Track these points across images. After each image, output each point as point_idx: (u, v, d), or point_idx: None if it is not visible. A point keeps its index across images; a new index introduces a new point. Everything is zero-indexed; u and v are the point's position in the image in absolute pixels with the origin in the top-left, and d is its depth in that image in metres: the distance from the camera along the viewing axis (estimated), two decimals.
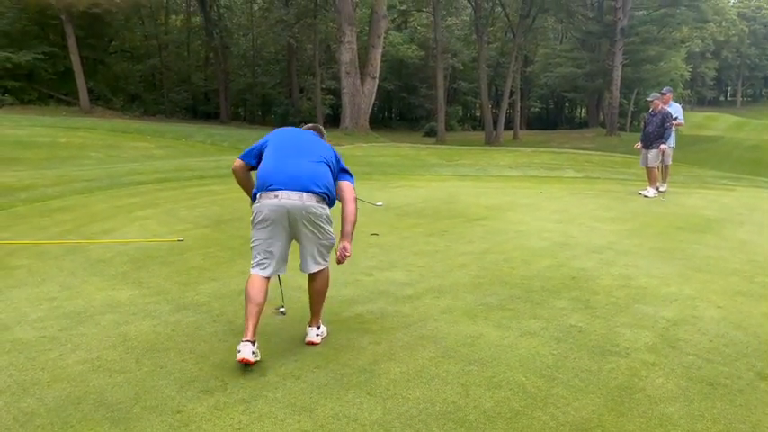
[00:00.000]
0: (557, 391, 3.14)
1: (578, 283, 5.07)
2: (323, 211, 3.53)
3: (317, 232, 3.54)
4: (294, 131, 3.84)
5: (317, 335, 3.77)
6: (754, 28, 78.36)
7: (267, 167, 3.57)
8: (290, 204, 3.42)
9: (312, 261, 3.62)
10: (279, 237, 3.51)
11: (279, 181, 3.46)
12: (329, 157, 3.68)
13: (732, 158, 28.54)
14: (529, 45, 45.19)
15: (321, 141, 3.82)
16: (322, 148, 3.70)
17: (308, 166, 3.54)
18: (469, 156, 18.39)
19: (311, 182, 3.48)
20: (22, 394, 3.07)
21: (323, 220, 3.54)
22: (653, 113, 10.48)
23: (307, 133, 3.86)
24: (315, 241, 3.56)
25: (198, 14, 42.90)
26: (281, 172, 3.49)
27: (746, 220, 8.21)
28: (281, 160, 3.56)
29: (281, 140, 3.71)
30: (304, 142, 3.71)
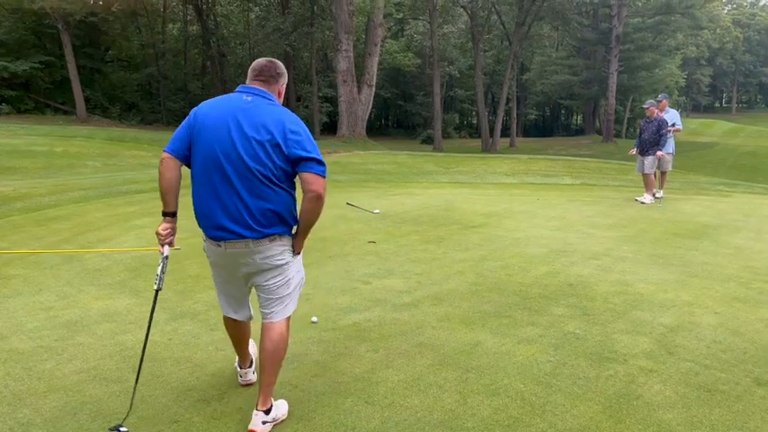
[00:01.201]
0: (555, 399, 3.14)
1: (576, 290, 5.07)
2: (281, 248, 2.82)
3: (278, 275, 2.87)
4: (227, 117, 2.72)
5: (265, 422, 2.80)
6: (748, 35, 78.84)
7: (199, 198, 2.79)
8: (238, 253, 2.78)
9: (268, 307, 2.92)
10: (236, 282, 2.95)
11: (217, 226, 2.74)
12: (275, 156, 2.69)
13: (728, 164, 28.65)
14: (525, 53, 45.34)
15: (267, 122, 2.71)
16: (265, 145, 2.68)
17: (249, 198, 2.69)
18: (466, 163, 18.44)
19: (257, 222, 2.71)
20: (18, 404, 3.06)
21: (283, 259, 2.85)
22: (649, 120, 10.51)
23: (247, 115, 2.72)
24: (274, 285, 2.88)
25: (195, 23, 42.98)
26: (216, 213, 2.73)
27: (743, 226, 8.23)
28: (213, 188, 2.72)
29: (210, 143, 2.71)
30: (241, 143, 2.67)
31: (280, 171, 2.72)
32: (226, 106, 2.78)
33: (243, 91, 2.84)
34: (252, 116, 2.72)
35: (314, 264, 5.91)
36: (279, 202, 2.75)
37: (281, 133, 2.69)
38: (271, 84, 2.90)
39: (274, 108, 2.80)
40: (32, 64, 30.67)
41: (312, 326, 4.19)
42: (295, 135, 2.71)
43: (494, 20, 40.11)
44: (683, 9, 37.22)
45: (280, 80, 2.95)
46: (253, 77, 2.90)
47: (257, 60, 2.97)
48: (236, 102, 2.79)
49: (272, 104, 2.82)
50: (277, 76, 2.93)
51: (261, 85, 2.87)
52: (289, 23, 35.92)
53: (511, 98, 41.22)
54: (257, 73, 2.90)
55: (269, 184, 2.70)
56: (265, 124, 2.70)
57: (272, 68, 2.92)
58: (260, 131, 2.69)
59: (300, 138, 2.72)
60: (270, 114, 2.74)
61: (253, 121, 2.71)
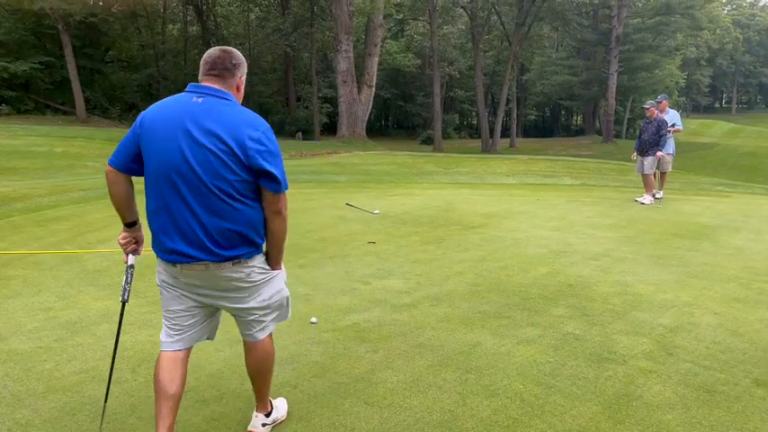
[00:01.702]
0: (554, 399, 3.14)
1: (575, 291, 5.07)
2: (248, 270, 2.50)
3: (248, 297, 2.58)
4: (176, 124, 2.36)
5: (265, 424, 2.81)
6: (748, 35, 78.88)
7: (150, 215, 2.48)
8: (197, 276, 2.48)
9: (246, 329, 2.71)
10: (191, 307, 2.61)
11: (169, 249, 2.43)
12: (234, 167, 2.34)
13: (727, 165, 28.65)
14: (525, 53, 45.30)
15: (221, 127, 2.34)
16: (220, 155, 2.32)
17: (206, 216, 2.37)
18: (466, 163, 18.45)
19: (215, 244, 2.39)
20: (17, 405, 3.06)
21: (252, 281, 2.54)
22: (648, 121, 10.51)
23: (197, 120, 2.35)
24: (247, 310, 2.61)
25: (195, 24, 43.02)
26: (168, 233, 2.42)
27: (742, 227, 8.23)
28: (164, 205, 2.40)
29: (159, 155, 2.37)
30: (192, 155, 2.32)
31: (241, 184, 2.37)
32: (174, 110, 2.39)
33: (193, 91, 2.45)
34: (203, 121, 2.34)
35: (313, 264, 5.92)
36: (241, 220, 2.40)
37: (238, 141, 2.32)
38: (226, 78, 2.51)
39: (230, 109, 2.41)
40: (32, 64, 30.68)
41: (311, 326, 4.18)
42: (256, 143, 2.35)
43: (494, 20, 40.14)
44: (682, 10, 37.22)
45: (237, 72, 2.55)
46: (204, 72, 2.51)
47: (209, 51, 2.58)
48: (185, 104, 2.40)
49: (228, 105, 2.42)
50: (233, 68, 2.53)
51: (214, 82, 2.48)
52: (288, 24, 35.94)
53: (511, 99, 41.23)
54: (209, 67, 2.50)
55: (228, 200, 2.36)
56: (219, 131, 2.33)
57: (227, 59, 2.52)
58: (213, 140, 2.32)
59: (262, 147, 2.36)
60: (225, 118, 2.36)
61: (205, 127, 2.33)
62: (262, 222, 2.50)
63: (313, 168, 16.33)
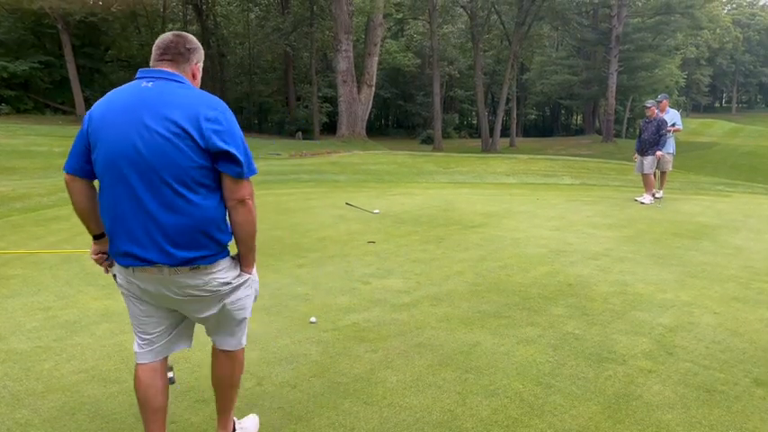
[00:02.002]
0: (553, 399, 3.13)
1: (575, 290, 5.07)
2: (208, 276, 2.27)
3: (213, 305, 2.37)
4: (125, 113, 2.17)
5: None
6: (748, 35, 78.83)
7: (104, 212, 2.28)
8: (152, 281, 2.27)
9: (213, 334, 2.55)
10: (153, 313, 2.42)
11: (122, 252, 2.24)
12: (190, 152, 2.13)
13: (728, 164, 28.65)
14: (525, 53, 45.29)
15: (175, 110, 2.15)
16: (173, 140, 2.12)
17: (161, 211, 2.15)
18: (466, 163, 18.45)
19: (172, 243, 2.18)
20: (16, 405, 3.05)
21: (218, 290, 2.32)
22: (648, 121, 10.51)
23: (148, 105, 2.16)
24: (212, 318, 2.42)
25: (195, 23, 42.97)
26: (120, 235, 2.22)
27: (742, 227, 8.22)
28: (115, 203, 2.20)
29: (108, 149, 2.18)
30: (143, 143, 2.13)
31: (199, 171, 2.15)
32: (123, 99, 2.21)
33: (142, 76, 2.27)
34: (154, 105, 2.14)
35: (313, 264, 5.92)
36: (199, 215, 2.17)
37: (193, 122, 2.12)
38: (179, 63, 2.31)
39: (184, 91, 2.21)
40: (32, 64, 30.69)
41: (311, 326, 4.18)
42: (212, 123, 2.14)
43: (493, 20, 40.11)
44: (682, 9, 37.20)
45: (192, 58, 2.35)
46: (156, 58, 2.31)
47: (161, 36, 2.37)
48: (133, 91, 2.22)
49: (182, 87, 2.23)
50: (187, 52, 2.33)
51: (167, 66, 2.29)
52: (288, 23, 35.95)
53: (511, 98, 41.23)
54: (161, 51, 2.31)
55: (184, 192, 2.14)
56: (172, 113, 2.12)
57: (180, 44, 2.33)
58: (166, 123, 2.12)
59: (220, 126, 2.15)
60: (178, 100, 2.16)
61: (156, 111, 2.13)
62: (225, 217, 2.28)
63: (313, 168, 16.33)
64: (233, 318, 2.45)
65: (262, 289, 4.96)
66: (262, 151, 22.46)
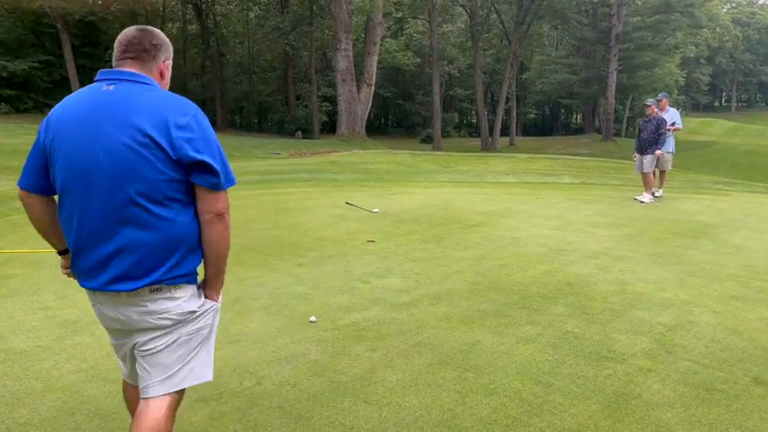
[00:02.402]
0: (553, 398, 3.14)
1: (574, 289, 5.07)
2: (170, 303, 2.04)
3: (162, 336, 2.08)
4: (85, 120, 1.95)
5: None
6: (747, 34, 78.80)
7: (65, 229, 2.07)
8: (112, 305, 2.05)
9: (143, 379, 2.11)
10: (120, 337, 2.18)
11: (85, 267, 2.03)
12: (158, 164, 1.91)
13: (727, 163, 28.65)
14: (524, 52, 45.32)
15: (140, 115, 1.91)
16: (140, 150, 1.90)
17: (124, 229, 1.93)
18: (466, 162, 18.45)
19: (133, 265, 1.96)
20: (15, 404, 3.05)
21: (172, 318, 2.06)
22: (648, 119, 10.51)
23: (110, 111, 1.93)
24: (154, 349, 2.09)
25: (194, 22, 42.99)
26: (84, 248, 2.00)
27: (742, 225, 8.22)
28: (75, 219, 1.99)
29: (66, 160, 1.97)
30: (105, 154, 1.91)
31: (168, 185, 1.93)
32: (82, 105, 1.99)
33: (102, 78, 2.04)
34: (117, 112, 1.92)
35: (313, 263, 5.92)
36: (168, 232, 1.96)
37: (162, 130, 1.90)
38: (145, 61, 2.08)
39: (150, 94, 1.98)
40: (31, 63, 30.69)
41: (310, 325, 4.18)
42: (184, 131, 1.92)
43: (493, 19, 40.10)
44: (682, 8, 37.17)
45: (159, 55, 2.12)
46: (118, 56, 2.08)
47: (124, 31, 2.13)
48: (93, 97, 1.99)
49: (148, 89, 2.00)
50: (153, 49, 2.10)
51: (130, 66, 2.06)
52: (288, 22, 35.96)
53: (510, 97, 41.21)
54: (123, 48, 2.07)
55: (151, 207, 1.92)
56: (138, 120, 1.90)
57: (145, 39, 2.09)
58: (131, 132, 1.89)
59: (192, 134, 1.93)
60: (144, 105, 1.94)
61: (120, 119, 1.91)
62: (197, 237, 2.03)
63: (312, 167, 16.33)
64: (184, 350, 2.11)
65: (261, 288, 5.01)
66: (261, 150, 22.46)
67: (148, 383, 2.09)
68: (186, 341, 2.11)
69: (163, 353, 2.08)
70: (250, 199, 10.10)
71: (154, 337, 2.06)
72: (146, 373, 2.10)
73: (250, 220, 8.07)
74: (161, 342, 2.07)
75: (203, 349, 2.18)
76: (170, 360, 2.09)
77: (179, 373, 2.11)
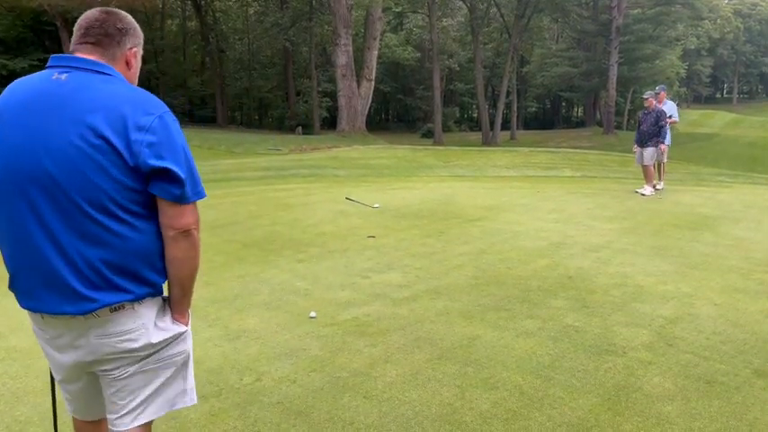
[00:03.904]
0: (553, 392, 3.13)
1: (575, 283, 5.06)
2: (135, 322, 1.76)
3: (129, 364, 1.80)
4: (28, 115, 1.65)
5: None
6: (749, 25, 78.50)
7: (2, 242, 1.76)
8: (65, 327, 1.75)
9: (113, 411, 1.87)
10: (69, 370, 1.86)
11: (26, 286, 1.75)
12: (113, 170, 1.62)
13: (728, 155, 28.59)
14: (525, 45, 45.24)
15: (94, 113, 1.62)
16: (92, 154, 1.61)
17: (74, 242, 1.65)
18: (466, 156, 18.43)
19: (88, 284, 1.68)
20: (15, 402, 3.06)
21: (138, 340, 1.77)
22: (647, 112, 10.49)
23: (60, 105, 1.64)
24: (122, 379, 1.82)
25: (194, 19, 42.94)
26: (20, 272, 1.75)
27: (743, 217, 8.20)
28: (14, 232, 1.70)
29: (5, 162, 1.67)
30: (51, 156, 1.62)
31: (125, 194, 1.65)
32: (26, 95, 1.69)
33: (54, 65, 1.73)
34: (68, 106, 1.63)
35: (313, 259, 5.91)
36: (125, 248, 1.68)
37: (119, 131, 1.61)
38: (106, 48, 1.76)
39: (109, 87, 1.68)
40: (31, 62, 30.61)
41: (310, 321, 4.18)
42: (144, 133, 1.63)
43: (493, 12, 40.04)
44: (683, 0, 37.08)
45: (125, 41, 1.81)
46: (77, 41, 1.77)
47: (86, 12, 1.81)
48: (41, 86, 1.68)
49: (107, 81, 1.70)
50: (118, 34, 1.79)
51: (89, 52, 1.74)
52: (287, 18, 35.90)
53: (511, 91, 41.15)
54: (83, 32, 1.76)
55: (104, 221, 1.64)
56: (91, 118, 1.61)
57: (108, 22, 1.78)
58: (82, 131, 1.60)
59: (154, 137, 1.64)
60: (101, 99, 1.64)
61: (69, 113, 1.62)
62: (159, 252, 1.75)
63: (313, 163, 16.33)
64: (156, 378, 1.86)
65: (261, 284, 5.00)
66: (262, 147, 22.46)
67: (118, 415, 1.84)
68: (157, 368, 1.85)
69: (131, 381, 1.82)
70: (250, 195, 10.10)
71: (120, 365, 1.79)
72: (115, 403, 1.84)
73: (250, 217, 8.06)
74: (129, 369, 1.80)
75: (179, 377, 1.93)
76: (140, 389, 1.84)
77: (152, 403, 1.87)
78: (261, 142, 23.77)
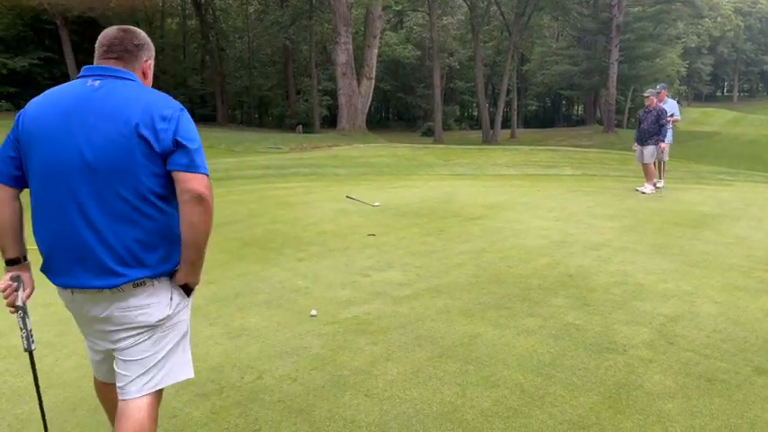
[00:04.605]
0: (554, 390, 3.13)
1: (575, 281, 5.06)
2: (152, 299, 2.04)
3: (143, 335, 2.08)
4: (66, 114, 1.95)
5: None
6: (749, 23, 78.36)
7: (37, 230, 2.03)
8: (93, 302, 2.03)
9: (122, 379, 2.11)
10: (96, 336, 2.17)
11: (63, 265, 2.00)
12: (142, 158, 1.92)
13: (729, 154, 28.55)
14: (525, 43, 45.17)
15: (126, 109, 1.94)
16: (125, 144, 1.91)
17: (108, 224, 1.94)
18: (467, 155, 18.42)
19: (118, 260, 1.95)
20: (17, 400, 3.07)
21: (153, 315, 2.05)
22: (648, 110, 10.48)
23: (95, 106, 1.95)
24: (135, 350, 2.08)
25: (194, 17, 42.90)
26: (58, 253, 2.00)
27: (743, 215, 8.20)
28: (54, 217, 1.97)
29: (45, 154, 1.95)
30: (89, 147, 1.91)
31: (154, 180, 1.95)
32: (64, 99, 1.99)
33: (87, 74, 2.05)
34: (102, 106, 1.94)
35: (314, 257, 5.91)
36: (153, 228, 1.98)
37: (147, 123, 1.91)
38: (128, 61, 2.10)
39: (136, 89, 2.02)
40: (31, 60, 30.69)
41: (311, 319, 4.18)
42: (168, 122, 1.94)
43: (493, 10, 39.98)
44: None
45: (141, 55, 2.14)
46: (100, 56, 2.10)
47: (104, 31, 2.15)
48: (77, 91, 1.99)
49: (133, 85, 2.04)
50: (135, 49, 2.11)
51: (115, 65, 2.08)
52: (287, 16, 35.87)
53: (511, 89, 41.12)
54: (106, 48, 2.10)
55: (137, 203, 1.94)
56: (123, 113, 1.92)
57: (126, 40, 2.11)
58: (117, 124, 1.91)
59: (175, 125, 1.95)
60: (129, 99, 1.96)
61: (104, 111, 1.92)
62: (178, 233, 2.00)
63: (313, 161, 16.33)
64: (162, 346, 2.11)
65: (262, 283, 5.01)
66: (262, 145, 22.45)
67: (127, 384, 2.09)
68: (163, 337, 2.11)
69: (141, 350, 2.07)
70: (251, 193, 10.10)
71: (133, 335, 2.06)
72: (124, 373, 2.09)
73: (251, 215, 8.07)
74: (141, 339, 2.07)
75: (180, 348, 2.18)
76: (148, 359, 2.09)
77: (157, 372, 2.11)
78: (261, 141, 23.76)
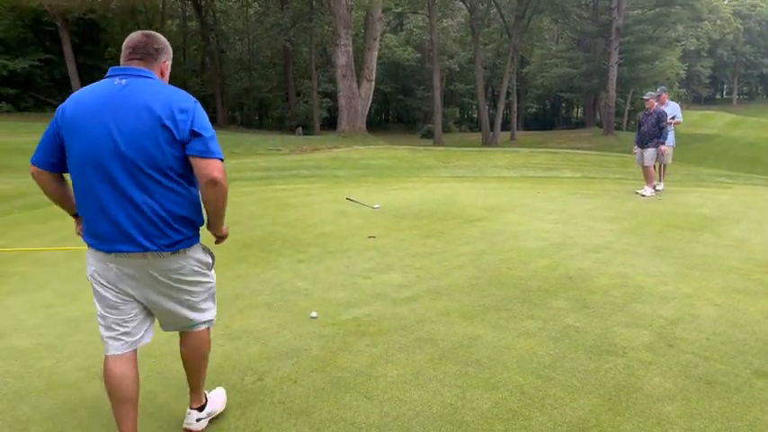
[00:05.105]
0: (554, 392, 3.14)
1: (575, 283, 5.06)
2: (187, 261, 2.51)
3: (186, 288, 2.57)
4: (99, 108, 2.31)
5: (199, 419, 2.77)
6: (748, 26, 78.46)
7: (81, 201, 2.43)
8: (132, 266, 2.42)
9: (181, 317, 2.64)
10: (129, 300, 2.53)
11: (106, 234, 2.36)
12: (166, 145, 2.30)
13: (728, 156, 28.59)
14: (525, 46, 45.22)
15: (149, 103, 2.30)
16: (150, 133, 2.28)
17: (143, 199, 2.32)
18: (466, 157, 18.43)
19: (156, 229, 2.35)
20: (17, 402, 3.06)
21: (190, 273, 2.54)
22: (648, 113, 10.49)
23: (123, 101, 2.31)
24: (182, 299, 2.58)
25: (194, 19, 42.94)
26: (103, 218, 2.35)
27: (743, 218, 8.21)
28: (95, 198, 2.35)
29: (83, 144, 2.31)
30: (121, 136, 2.27)
31: (177, 162, 2.33)
32: (96, 96, 2.34)
33: (114, 74, 2.40)
34: (129, 101, 2.30)
35: (314, 259, 5.92)
36: (180, 202, 2.39)
37: (168, 114, 2.28)
38: (149, 62, 2.46)
39: (157, 86, 2.39)
40: (32, 62, 30.70)
41: (311, 321, 4.19)
42: (186, 114, 2.31)
43: (493, 13, 40.06)
44: (682, 0, 37.08)
45: (160, 57, 2.51)
46: (126, 57, 2.46)
47: (130, 35, 2.51)
48: (107, 89, 2.35)
49: (155, 83, 2.40)
50: (156, 53, 2.49)
51: (138, 65, 2.44)
52: (287, 18, 35.91)
53: (511, 91, 41.15)
54: (131, 51, 2.46)
55: (164, 181, 2.33)
56: (148, 107, 2.28)
57: (149, 44, 2.47)
58: (142, 117, 2.27)
59: (192, 116, 2.32)
60: (152, 94, 2.32)
61: (131, 106, 2.29)
62: (200, 202, 2.48)
63: (313, 163, 16.33)
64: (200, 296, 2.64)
65: (262, 285, 5.01)
66: (262, 147, 22.45)
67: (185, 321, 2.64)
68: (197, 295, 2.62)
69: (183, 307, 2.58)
70: (251, 195, 10.10)
71: (180, 289, 2.53)
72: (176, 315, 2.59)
73: (251, 217, 8.07)
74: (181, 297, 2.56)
75: (211, 300, 2.73)
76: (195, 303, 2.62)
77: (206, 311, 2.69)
78: (261, 142, 23.76)
